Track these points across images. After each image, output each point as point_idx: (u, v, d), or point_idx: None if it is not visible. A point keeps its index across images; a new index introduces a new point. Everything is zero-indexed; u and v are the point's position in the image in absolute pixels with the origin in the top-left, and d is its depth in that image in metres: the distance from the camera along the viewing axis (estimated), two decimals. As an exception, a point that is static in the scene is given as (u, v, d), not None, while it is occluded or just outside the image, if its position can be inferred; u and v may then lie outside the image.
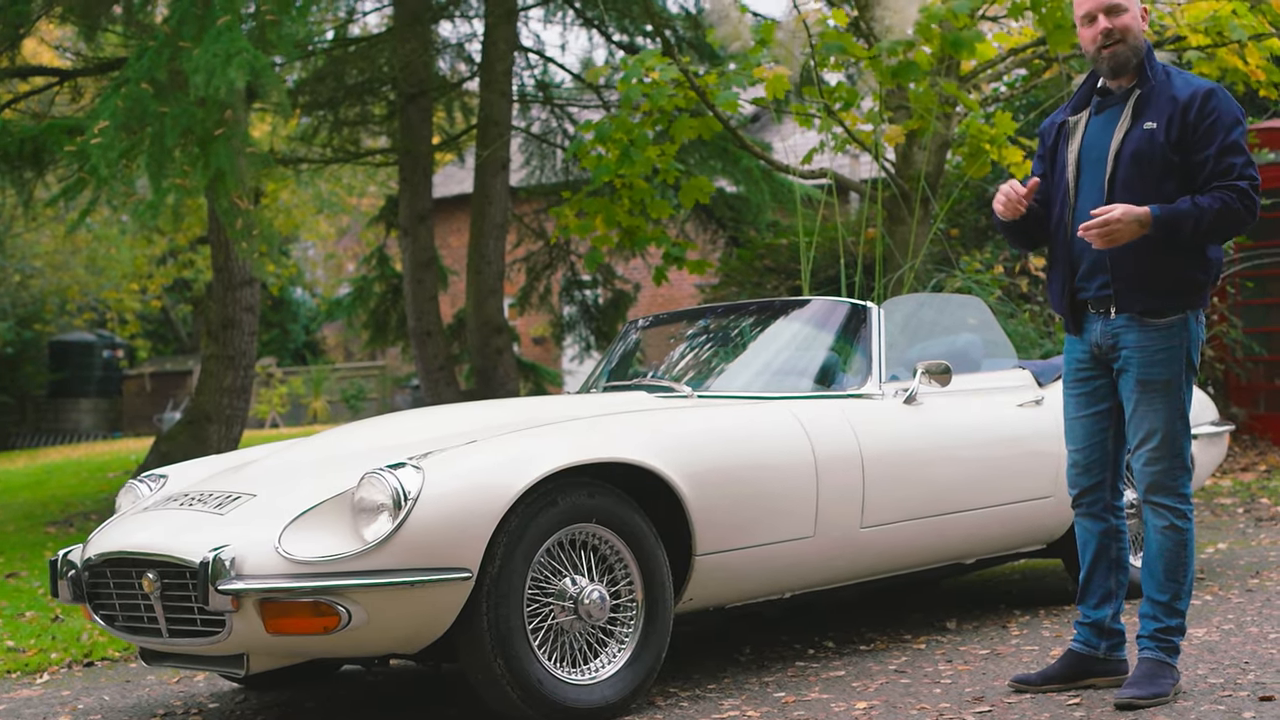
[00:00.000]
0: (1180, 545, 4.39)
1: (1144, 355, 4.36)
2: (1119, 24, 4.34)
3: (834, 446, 5.20)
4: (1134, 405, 4.40)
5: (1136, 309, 4.36)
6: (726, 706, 4.67)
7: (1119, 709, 4.27)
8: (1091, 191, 4.41)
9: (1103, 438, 4.53)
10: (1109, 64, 4.39)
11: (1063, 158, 4.52)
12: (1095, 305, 4.44)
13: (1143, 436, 4.38)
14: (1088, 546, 4.58)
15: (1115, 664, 4.58)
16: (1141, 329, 4.36)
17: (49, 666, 6.21)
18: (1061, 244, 4.51)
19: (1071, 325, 4.53)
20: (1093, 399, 4.53)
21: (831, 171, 9.40)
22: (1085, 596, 4.60)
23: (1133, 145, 4.34)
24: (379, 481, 4.34)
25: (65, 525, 11.17)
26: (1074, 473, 4.59)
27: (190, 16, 8.73)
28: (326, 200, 26.58)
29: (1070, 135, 4.52)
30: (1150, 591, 4.43)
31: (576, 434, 4.76)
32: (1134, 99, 4.39)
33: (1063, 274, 4.51)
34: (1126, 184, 4.34)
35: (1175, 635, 4.41)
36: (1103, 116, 4.45)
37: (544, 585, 4.53)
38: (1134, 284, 4.35)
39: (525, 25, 15.78)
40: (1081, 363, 4.54)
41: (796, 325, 5.95)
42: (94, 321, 30.78)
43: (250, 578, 4.28)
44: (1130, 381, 4.40)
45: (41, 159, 10.47)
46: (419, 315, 13.64)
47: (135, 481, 5.40)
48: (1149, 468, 4.38)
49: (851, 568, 5.36)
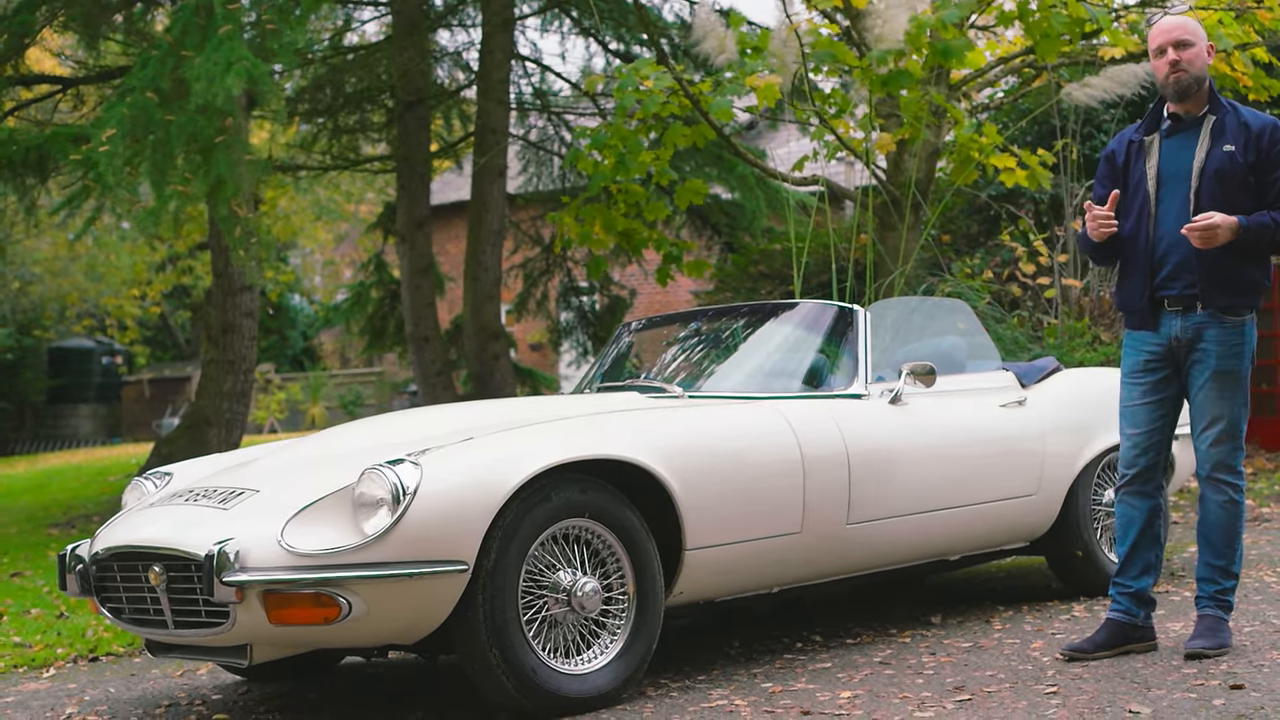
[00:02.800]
0: (1236, 516, 4.99)
1: (1222, 349, 4.91)
2: (1185, 56, 4.94)
3: (821, 445, 5.34)
4: (1206, 393, 4.94)
5: (1219, 305, 4.89)
6: (715, 696, 4.81)
7: (1188, 659, 4.83)
8: (1174, 203, 4.96)
9: (1162, 424, 5.06)
10: (1174, 88, 4.96)
11: (1139, 173, 5.05)
12: (1175, 303, 4.96)
13: (1210, 420, 4.94)
14: (1134, 523, 5.09)
15: (1148, 631, 5.11)
16: (1220, 325, 4.91)
17: (55, 661, 6.35)
18: (1143, 250, 5.02)
19: (1150, 321, 5.02)
20: (1157, 388, 5.04)
21: (824, 178, 9.55)
22: (1127, 568, 5.10)
23: (1215, 164, 4.91)
24: (378, 477, 4.48)
25: (67, 527, 11.31)
26: (1132, 454, 5.07)
27: (192, 26, 8.88)
28: (325, 207, 26.74)
29: (1146, 154, 5.04)
30: (1208, 558, 5.00)
31: (570, 432, 4.90)
32: (1210, 124, 4.96)
33: (1143, 276, 5.01)
34: (1211, 197, 4.89)
35: (1230, 594, 5.02)
36: (1176, 139, 5.01)
37: (538, 578, 4.67)
38: (1217, 284, 4.89)
39: (522, 34, 15.96)
40: (1154, 355, 5.03)
41: (785, 327, 6.10)
42: (93, 328, 30.92)
43: (254, 570, 4.42)
44: (1205, 372, 4.94)
45: (45, 166, 10.62)
46: (416, 321, 13.78)
47: (141, 479, 5.55)
48: (1215, 448, 4.95)
49: (838, 563, 5.51)
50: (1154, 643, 5.09)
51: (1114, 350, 9.85)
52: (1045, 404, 6.25)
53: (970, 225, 12.86)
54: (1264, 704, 4.21)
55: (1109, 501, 6.36)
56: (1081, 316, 10.53)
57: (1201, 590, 5.00)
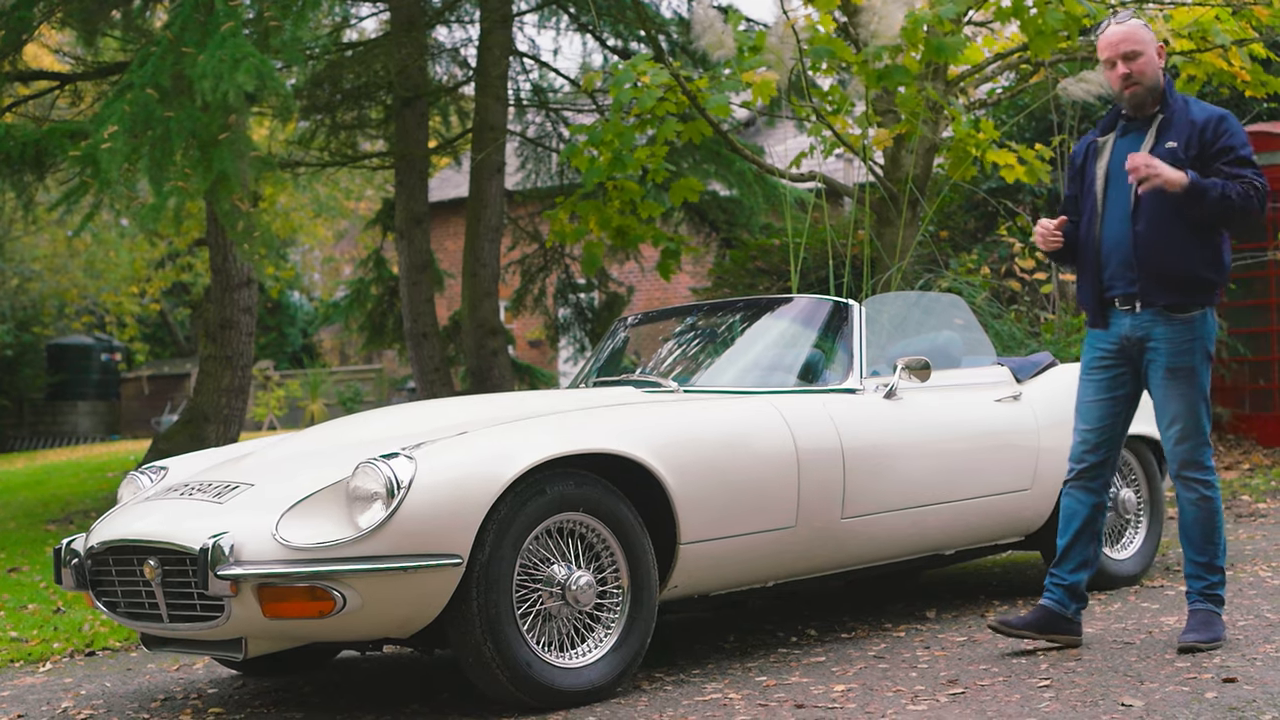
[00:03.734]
0: (1211, 512, 4.97)
1: (1171, 346, 4.92)
2: (1136, 68, 4.97)
3: (815, 440, 5.35)
4: (1163, 392, 4.96)
5: (1160, 304, 4.91)
6: (709, 690, 4.82)
7: (1182, 652, 4.82)
8: (1119, 203, 4.98)
9: (1114, 420, 5.09)
10: (1130, 102, 5.02)
11: (1091, 174, 5.09)
12: (1122, 302, 4.99)
13: (1170, 419, 4.95)
14: (1076, 516, 5.11)
15: (1075, 626, 5.13)
16: (1168, 323, 4.92)
17: (51, 656, 6.36)
18: (1091, 250, 5.06)
19: (1099, 320, 5.06)
20: (1112, 385, 5.07)
21: (821, 175, 9.56)
22: (1064, 561, 5.13)
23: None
24: (373, 471, 4.49)
25: (65, 523, 11.31)
26: (1081, 449, 5.10)
27: (192, 23, 8.88)
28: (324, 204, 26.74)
29: (1099, 154, 5.08)
30: (1192, 555, 5.00)
31: (564, 426, 4.91)
32: (1157, 122, 4.99)
33: (1092, 276, 5.06)
34: (1151, 195, 4.88)
35: (1219, 588, 5.01)
36: (1127, 138, 5.05)
37: (533, 572, 4.68)
38: (1156, 284, 4.90)
39: (520, 30, 15.95)
40: (1106, 353, 5.07)
41: (781, 322, 6.11)
42: (92, 324, 30.93)
43: (248, 563, 4.43)
44: (1159, 370, 4.96)
45: (43, 163, 10.60)
46: (415, 317, 13.79)
47: (136, 473, 5.55)
48: (1178, 446, 4.95)
49: (833, 558, 5.51)
50: (1078, 639, 5.11)
51: (1111, 346, 9.85)
52: (1040, 399, 6.26)
53: (968, 221, 12.87)
54: (1256, 697, 4.22)
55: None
56: (1079, 312, 10.53)
57: (1191, 587, 5.03)
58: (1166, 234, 4.88)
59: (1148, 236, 4.90)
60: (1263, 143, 11.34)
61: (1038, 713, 4.21)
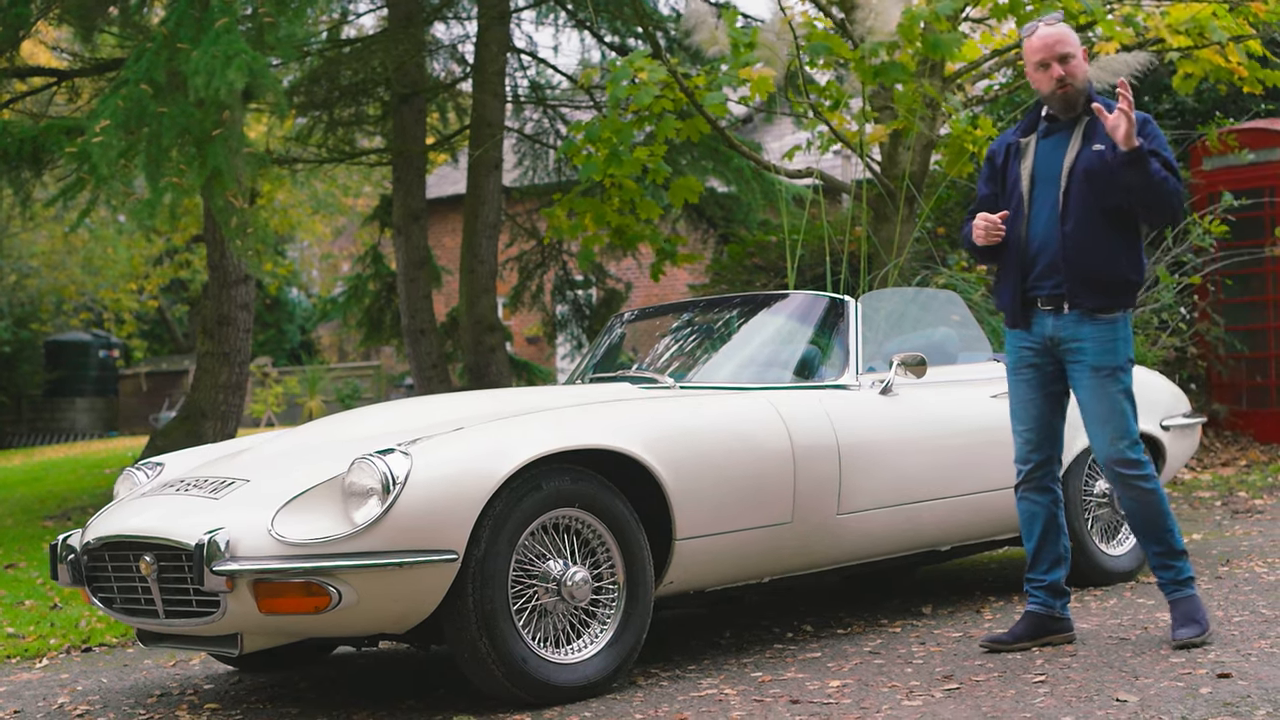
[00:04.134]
0: (1152, 501, 4.94)
1: (1096, 345, 4.92)
2: (1069, 70, 4.96)
3: (811, 436, 5.36)
4: (1089, 393, 4.94)
5: (1087, 305, 4.91)
6: (705, 685, 4.82)
7: (1178, 649, 4.82)
8: (1045, 205, 4.98)
9: (1052, 417, 5.11)
10: (1061, 104, 5.00)
11: (1014, 175, 5.08)
12: (1046, 303, 4.99)
13: (1100, 419, 4.94)
14: (1036, 518, 5.13)
15: (1065, 622, 5.14)
16: (1092, 323, 4.93)
17: (48, 651, 6.37)
18: (1016, 251, 5.03)
19: (1022, 321, 5.06)
20: (1043, 382, 5.08)
21: (818, 171, 9.56)
22: (1037, 563, 5.16)
23: (1084, 164, 4.94)
24: (368, 466, 4.49)
25: (63, 519, 11.32)
26: (1025, 450, 5.11)
27: (188, 19, 8.88)
28: (322, 201, 26.73)
29: (1021, 155, 5.07)
30: (1149, 547, 5.00)
31: (560, 422, 4.91)
32: (1083, 125, 4.99)
33: (1016, 276, 5.04)
34: (1079, 197, 4.92)
35: (1185, 571, 5.00)
36: (1051, 140, 5.04)
37: (528, 568, 4.68)
38: (1083, 285, 4.91)
39: (518, 27, 15.95)
40: (1031, 351, 5.08)
41: (777, 318, 6.10)
42: (90, 321, 30.93)
43: (244, 559, 4.43)
44: (1084, 370, 4.96)
45: (40, 159, 10.61)
46: (413, 314, 13.79)
47: (132, 469, 5.55)
48: (1111, 446, 4.93)
49: (829, 553, 5.52)
50: (1071, 633, 5.12)
51: (1107, 342, 9.85)
52: (1036, 395, 6.24)
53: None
54: (1250, 692, 4.22)
55: (1100, 492, 6.38)
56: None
57: (1160, 578, 5.03)
58: (1094, 236, 4.90)
59: (1076, 238, 4.90)
60: (1259, 139, 11.36)
61: (1032, 708, 4.22)
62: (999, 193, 5.15)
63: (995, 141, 5.24)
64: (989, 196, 5.18)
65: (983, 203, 5.20)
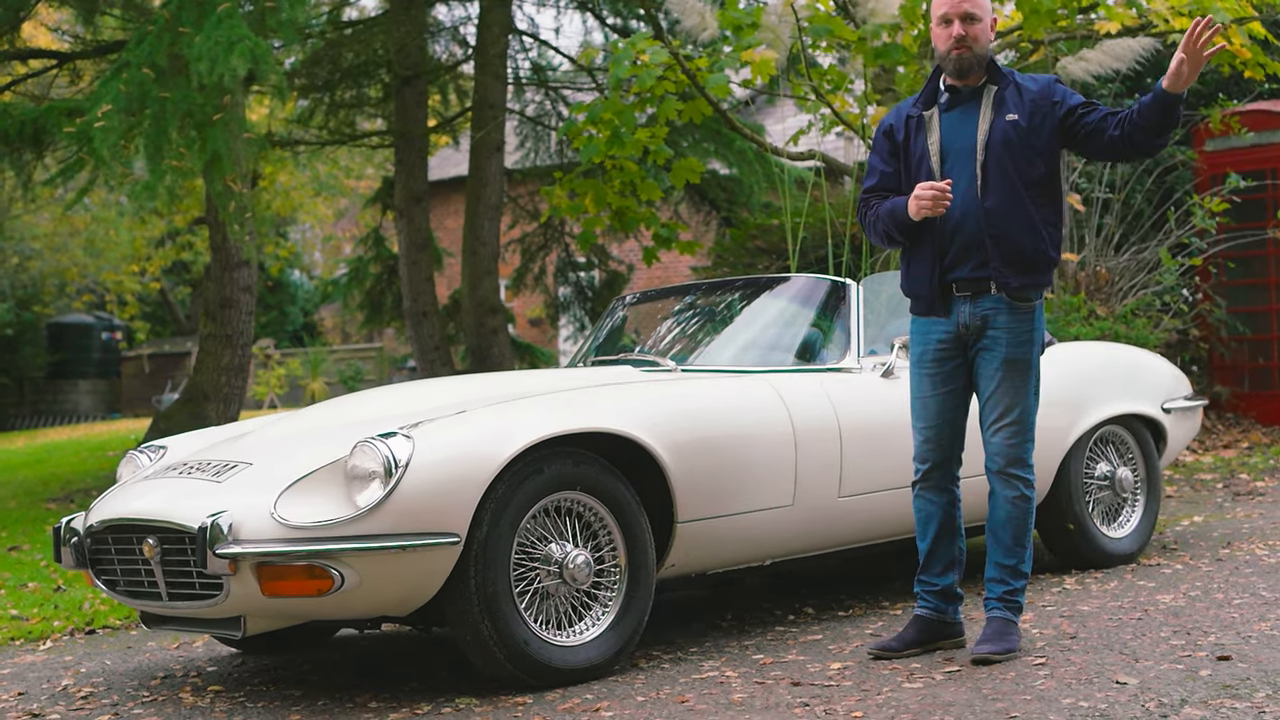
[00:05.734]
0: (1026, 513, 4.77)
1: (1012, 336, 4.70)
2: (971, 32, 4.69)
3: (812, 419, 5.37)
4: (996, 383, 4.72)
5: (1013, 284, 4.67)
6: (706, 667, 4.84)
7: (975, 664, 4.61)
8: (961, 179, 4.69)
9: (953, 415, 4.84)
10: (955, 65, 4.73)
11: (919, 149, 4.78)
12: (964, 287, 4.73)
13: (1002, 411, 4.72)
14: (931, 519, 4.88)
15: (957, 626, 4.92)
16: (1011, 311, 4.70)
17: (52, 634, 6.39)
18: (929, 229, 4.73)
19: (939, 307, 4.77)
20: (948, 379, 4.82)
21: (820, 153, 9.56)
22: (930, 565, 4.90)
23: (1000, 135, 4.68)
24: (371, 450, 4.50)
25: (66, 501, 11.35)
26: (925, 449, 4.86)
27: (189, 2, 8.88)
28: (324, 183, 26.71)
29: (926, 129, 4.78)
30: (997, 557, 4.78)
31: (562, 405, 4.92)
32: (992, 95, 4.73)
33: (931, 258, 4.76)
34: (999, 169, 4.66)
35: (1020, 595, 4.78)
36: (956, 112, 4.77)
37: (530, 550, 4.70)
38: (1010, 262, 4.66)
39: (520, 8, 15.96)
40: (943, 344, 4.80)
41: (779, 301, 6.11)
42: (92, 303, 30.93)
43: (247, 542, 4.45)
44: (995, 360, 4.72)
45: (41, 141, 10.61)
46: (415, 296, 13.81)
47: (135, 452, 5.57)
48: (1006, 441, 4.73)
49: (830, 536, 5.53)
50: (963, 638, 4.89)
51: (1109, 325, 9.87)
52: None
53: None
54: (1250, 674, 4.24)
55: (1101, 475, 6.38)
56: (1077, 291, 10.54)
57: (990, 591, 4.78)
58: (1018, 210, 4.65)
59: (998, 214, 4.65)
60: (1262, 121, 11.35)
61: (1033, 690, 4.24)
62: (900, 170, 4.83)
63: (889, 115, 4.92)
64: (890, 174, 4.85)
65: (883, 179, 4.87)
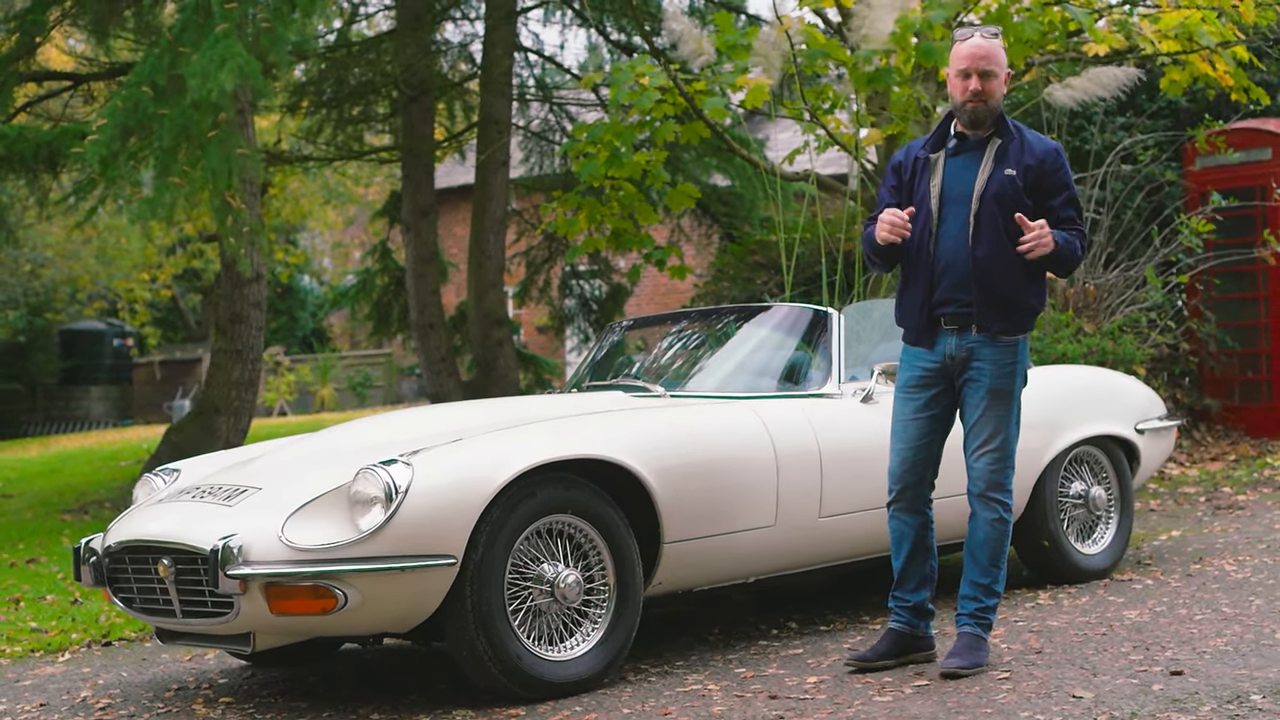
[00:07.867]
0: (1003, 535, 5.06)
1: (996, 368, 5.01)
2: (988, 87, 5.00)
3: (794, 443, 5.64)
4: (980, 412, 5.03)
5: (994, 328, 5.00)
6: (690, 681, 5.11)
7: (944, 678, 4.88)
8: (955, 223, 5.02)
9: (930, 439, 5.12)
10: (969, 116, 5.04)
11: (922, 191, 5.10)
12: (950, 322, 5.04)
13: (985, 438, 5.02)
14: (905, 538, 5.15)
15: (928, 641, 5.20)
16: (994, 345, 5.01)
17: (70, 646, 6.66)
18: (923, 266, 5.07)
19: (925, 339, 5.09)
20: (929, 404, 5.10)
21: (814, 173, 9.80)
22: (903, 583, 5.17)
23: (995, 187, 5.00)
24: (372, 476, 4.79)
25: (80, 513, 11.62)
26: (900, 470, 5.13)
27: (192, 24, 9.18)
28: (333, 191, 27.01)
29: (931, 171, 5.10)
30: (973, 575, 5.06)
31: (554, 433, 5.21)
32: (995, 148, 5.04)
33: (922, 293, 5.08)
34: (989, 220, 4.98)
35: (991, 613, 5.06)
36: (960, 159, 5.08)
37: (523, 570, 4.97)
38: (992, 308, 4.99)
39: (525, 25, 16.20)
40: (928, 372, 5.10)
41: (763, 330, 6.39)
42: (104, 310, 31.24)
43: (256, 563, 4.74)
44: (980, 391, 5.02)
45: (55, 161, 10.93)
46: (421, 308, 14.07)
47: (150, 475, 5.87)
48: (989, 467, 5.02)
49: (811, 554, 5.81)
50: (933, 651, 5.17)
51: (1097, 341, 10.11)
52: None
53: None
54: (1199, 689, 4.49)
55: (1076, 493, 6.63)
56: (1066, 308, 10.77)
57: (962, 608, 5.05)
58: (1005, 262, 4.94)
59: (987, 263, 4.95)
60: (1249, 139, 11.58)
61: (994, 704, 4.49)
62: (903, 204, 5.11)
63: (900, 152, 5.24)
64: (894, 206, 5.13)
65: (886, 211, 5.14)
